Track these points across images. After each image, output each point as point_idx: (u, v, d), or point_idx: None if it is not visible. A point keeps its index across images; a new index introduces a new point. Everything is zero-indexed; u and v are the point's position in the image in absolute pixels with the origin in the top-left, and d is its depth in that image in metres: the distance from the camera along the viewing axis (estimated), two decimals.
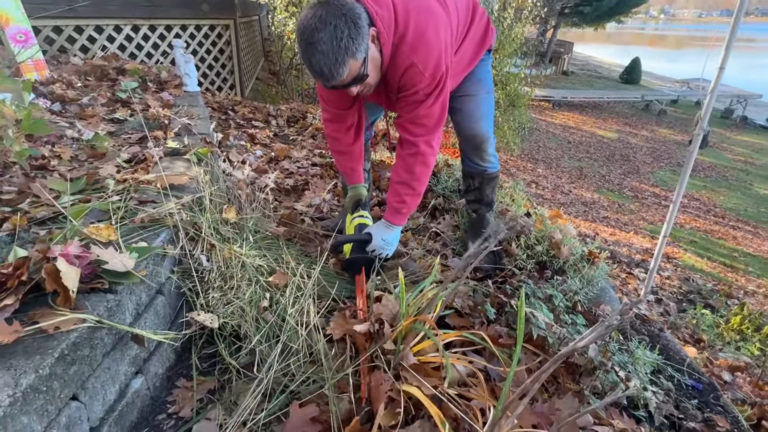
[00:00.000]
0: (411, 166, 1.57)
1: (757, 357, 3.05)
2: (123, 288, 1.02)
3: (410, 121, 1.51)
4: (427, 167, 1.59)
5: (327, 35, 1.18)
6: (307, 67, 1.27)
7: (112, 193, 1.43)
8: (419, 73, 1.38)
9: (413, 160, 1.56)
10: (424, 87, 1.42)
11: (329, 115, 1.69)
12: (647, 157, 15.25)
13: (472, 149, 1.82)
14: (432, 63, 1.38)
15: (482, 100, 1.76)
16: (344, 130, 1.70)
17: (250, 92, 6.17)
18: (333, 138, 1.74)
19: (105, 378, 0.97)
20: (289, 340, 1.25)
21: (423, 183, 1.63)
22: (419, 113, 1.48)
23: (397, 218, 1.66)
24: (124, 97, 2.69)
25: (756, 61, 46.73)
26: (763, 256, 8.65)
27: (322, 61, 1.21)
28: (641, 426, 1.23)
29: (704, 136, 3.39)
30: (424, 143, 1.53)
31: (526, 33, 8.27)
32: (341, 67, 1.23)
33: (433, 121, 1.51)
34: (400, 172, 1.61)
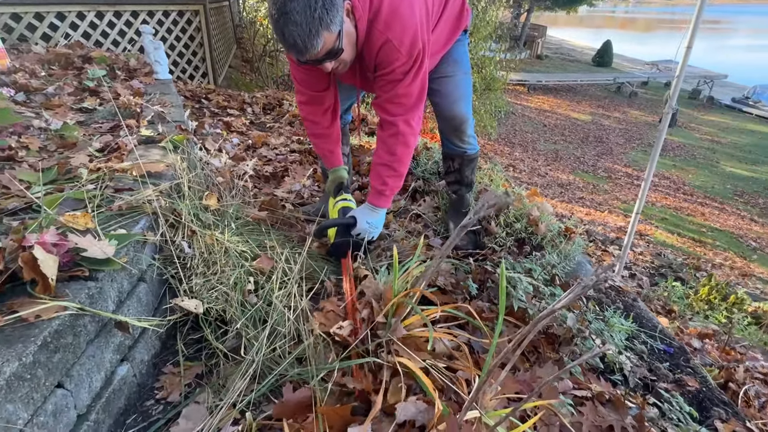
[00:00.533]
0: (392, 147, 1.56)
1: (724, 324, 3.21)
2: (104, 275, 1.01)
3: (388, 101, 1.49)
4: (407, 147, 1.58)
5: (300, 5, 1.14)
6: (280, 39, 1.22)
7: (86, 182, 1.40)
8: (395, 50, 1.36)
9: (394, 140, 1.55)
10: (401, 65, 1.40)
11: (305, 97, 1.66)
12: (620, 138, 15.62)
13: (452, 131, 1.82)
14: (408, 39, 1.36)
15: (460, 81, 1.76)
16: (320, 113, 1.68)
17: (224, 80, 6.04)
18: (310, 121, 1.72)
19: (90, 365, 0.96)
20: (276, 323, 1.26)
21: (405, 164, 1.62)
22: (397, 92, 1.46)
23: (380, 200, 1.66)
24: (91, 85, 2.60)
25: (721, 43, 48.09)
26: (729, 230, 9.04)
27: (296, 32, 1.17)
28: (617, 389, 1.29)
29: (673, 114, 3.50)
30: (404, 123, 1.52)
31: (501, 17, 8.30)
32: (315, 38, 1.19)
33: (412, 100, 1.49)
34: (381, 154, 1.60)
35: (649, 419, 1.14)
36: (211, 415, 1.02)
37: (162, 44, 3.29)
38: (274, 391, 1.13)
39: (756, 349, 3.17)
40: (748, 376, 2.63)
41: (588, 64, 26.88)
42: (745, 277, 6.25)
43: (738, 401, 2.32)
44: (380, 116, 1.57)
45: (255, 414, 1.05)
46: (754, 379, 2.68)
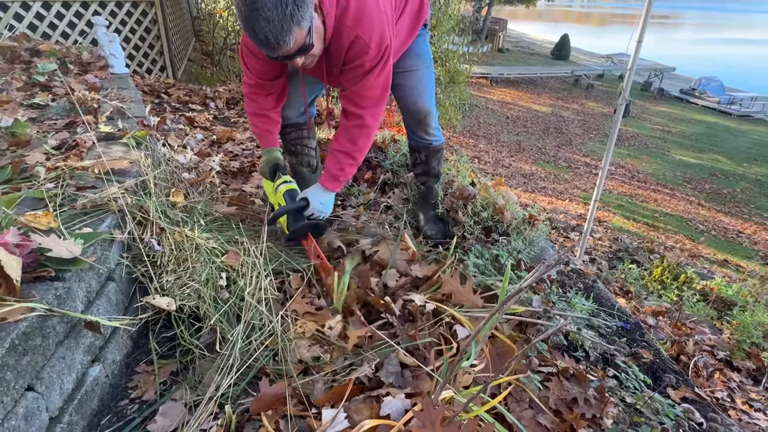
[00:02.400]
0: (355, 138, 1.60)
1: (676, 302, 3.42)
2: (71, 275, 0.99)
3: (356, 94, 1.52)
4: (369, 139, 1.63)
5: (271, 1, 1.13)
6: (250, 36, 1.21)
7: (44, 181, 1.35)
8: (365, 46, 1.38)
9: (358, 131, 1.58)
10: (370, 60, 1.42)
11: (252, 81, 1.64)
12: (578, 129, 16.22)
13: (416, 124, 1.85)
14: (376, 35, 1.38)
15: (423, 74, 1.79)
16: (264, 95, 1.66)
17: (183, 74, 5.85)
18: (251, 99, 1.68)
19: (61, 367, 0.94)
20: (251, 318, 1.26)
21: (364, 153, 1.67)
22: (365, 85, 1.49)
23: (334, 185, 1.69)
24: (42, 80, 2.48)
25: (670, 36, 50.55)
26: (679, 214, 9.60)
27: (267, 29, 1.16)
28: (580, 364, 1.38)
29: (626, 105, 3.68)
30: (370, 116, 1.55)
31: (462, 10, 8.41)
32: (288, 35, 1.18)
33: (378, 93, 1.53)
34: (343, 142, 1.62)
35: (609, 389, 1.22)
36: (191, 411, 1.02)
37: (117, 36, 3.16)
38: (251, 384, 1.14)
39: (704, 324, 3.41)
40: (697, 349, 2.83)
41: (547, 57, 27.64)
42: (694, 258, 6.68)
43: (689, 371, 2.50)
44: (346, 108, 1.58)
45: (234, 407, 1.06)
46: (702, 351, 2.89)
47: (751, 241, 8.66)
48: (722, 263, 6.76)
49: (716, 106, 20.18)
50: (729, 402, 2.41)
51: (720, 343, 3.07)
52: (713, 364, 2.77)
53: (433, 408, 0.92)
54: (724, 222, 9.54)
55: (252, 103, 1.69)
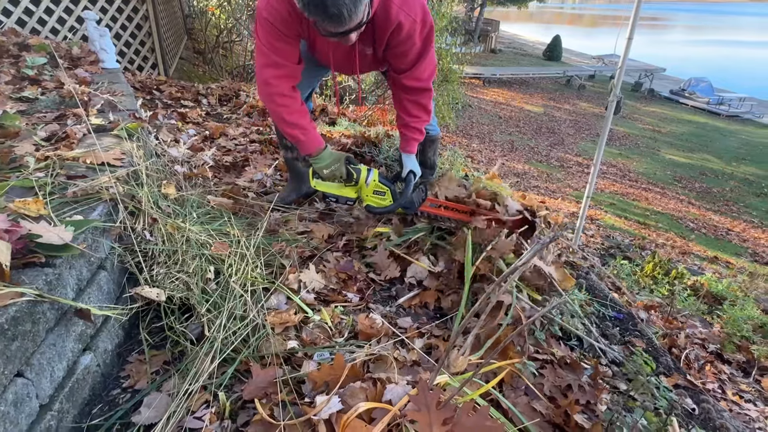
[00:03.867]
0: (426, 105, 1.72)
1: (667, 297, 3.45)
2: (62, 261, 0.97)
3: (417, 69, 1.59)
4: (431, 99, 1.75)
5: None
6: (317, 11, 1.19)
7: (33, 171, 1.33)
8: (413, 23, 1.44)
9: (427, 100, 1.70)
10: (420, 37, 1.49)
11: (285, 70, 1.53)
12: (570, 129, 16.32)
13: None
14: (421, 13, 1.45)
15: None
16: (284, 77, 1.57)
17: (175, 72, 5.80)
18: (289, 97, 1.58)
19: (51, 354, 0.92)
20: (234, 307, 1.25)
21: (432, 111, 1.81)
22: (424, 61, 1.57)
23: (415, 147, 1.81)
24: (31, 74, 2.44)
25: (660, 38, 51.09)
26: (670, 213, 9.69)
27: (341, 2, 1.17)
28: (574, 352, 1.38)
29: (617, 102, 3.71)
30: (429, 85, 1.68)
31: (455, 11, 8.43)
32: (359, 6, 1.21)
33: (434, 64, 1.65)
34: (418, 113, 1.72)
35: (602, 376, 1.23)
36: (185, 397, 1.01)
37: (108, 31, 3.13)
38: (244, 373, 1.13)
39: (695, 318, 3.45)
40: (688, 342, 2.86)
41: (539, 58, 27.81)
42: (685, 254, 6.74)
43: (680, 363, 2.52)
44: (410, 85, 1.65)
45: (228, 395, 1.05)
46: (693, 344, 2.92)
47: (740, 238, 8.76)
48: (712, 260, 6.84)
49: (705, 107, 20.42)
50: (720, 393, 2.43)
51: (711, 337, 3.11)
52: (704, 357, 2.80)
53: (428, 392, 0.92)
54: (713, 220, 9.65)
55: (291, 101, 1.60)
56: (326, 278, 1.50)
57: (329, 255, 1.64)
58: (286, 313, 1.28)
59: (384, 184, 1.71)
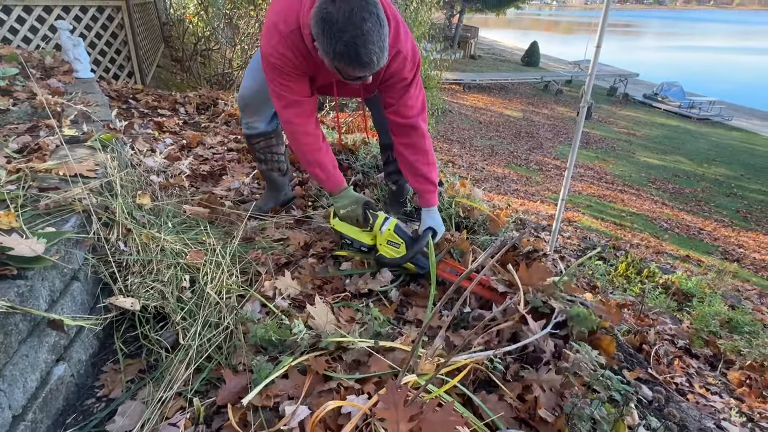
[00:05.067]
0: (423, 146, 1.67)
1: (638, 295, 3.57)
2: (34, 273, 0.99)
3: (403, 105, 1.61)
4: (428, 139, 1.70)
5: (374, 25, 1.21)
6: (348, 59, 1.23)
7: (4, 183, 1.33)
8: (403, 59, 1.49)
9: (420, 140, 1.66)
10: (408, 71, 1.54)
11: (300, 108, 1.56)
12: (549, 133, 16.66)
13: None
14: (410, 49, 1.51)
15: None
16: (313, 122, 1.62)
17: (152, 80, 5.76)
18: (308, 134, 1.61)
19: (24, 365, 0.93)
20: (209, 315, 1.27)
21: (433, 153, 1.74)
22: (410, 96, 1.59)
23: (436, 198, 1.75)
24: (2, 84, 2.42)
25: (633, 44, 52.61)
26: (645, 213, 9.97)
27: (373, 51, 1.23)
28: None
29: (588, 108, 3.83)
30: (421, 120, 1.65)
31: (434, 18, 8.56)
32: (385, 54, 1.28)
33: (420, 101, 1.64)
34: (418, 157, 1.67)
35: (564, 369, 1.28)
36: (159, 405, 1.02)
37: (82, 41, 3.11)
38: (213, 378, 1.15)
39: (665, 315, 3.57)
40: (658, 338, 2.97)
41: (518, 63, 28.34)
42: (659, 254, 6.95)
43: (650, 359, 2.61)
44: (396, 121, 1.64)
45: (203, 401, 1.07)
46: (663, 340, 3.03)
47: (712, 237, 9.06)
48: (684, 258, 7.06)
49: (677, 110, 21.08)
50: (687, 386, 2.53)
51: (680, 333, 3.22)
52: (673, 352, 2.91)
53: (396, 390, 0.96)
54: (686, 220, 9.96)
55: (314, 140, 1.62)
56: (302, 284, 1.53)
57: (304, 262, 1.67)
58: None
59: (399, 235, 1.61)
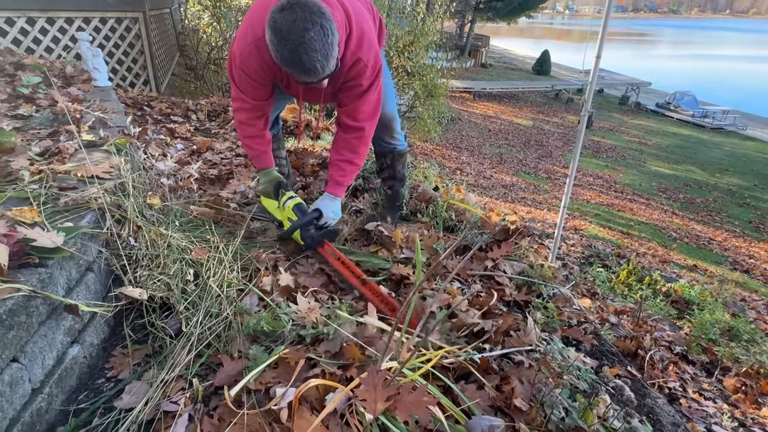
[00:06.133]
0: (356, 147, 1.78)
1: (637, 301, 3.60)
2: (53, 262, 1.10)
3: (355, 110, 1.70)
4: (367, 147, 1.82)
5: (317, 34, 1.27)
6: (293, 65, 1.33)
7: (28, 183, 1.45)
8: (363, 67, 1.57)
9: (358, 141, 1.76)
10: (367, 79, 1.61)
11: (248, 105, 1.74)
12: (558, 142, 16.64)
13: (382, 128, 2.00)
14: (372, 57, 1.58)
15: (385, 83, 1.93)
16: (256, 117, 1.79)
17: (167, 88, 5.96)
18: (246, 125, 1.81)
19: (43, 344, 1.04)
20: (210, 306, 1.38)
21: (363, 159, 1.85)
22: (364, 101, 1.67)
23: (340, 190, 1.85)
24: (26, 92, 2.58)
25: (647, 53, 52.32)
26: (654, 223, 9.91)
27: (316, 59, 1.30)
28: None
29: (589, 117, 3.90)
30: (369, 127, 1.75)
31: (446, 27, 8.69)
32: (331, 61, 1.34)
33: (373, 107, 1.72)
34: (344, 153, 1.78)
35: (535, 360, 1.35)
36: (162, 385, 1.13)
37: (100, 51, 3.28)
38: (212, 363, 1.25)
39: (665, 322, 3.59)
40: (654, 344, 3.00)
41: (528, 72, 28.37)
42: (665, 263, 6.93)
43: (644, 364, 2.65)
44: (345, 122, 1.75)
45: (202, 382, 1.17)
46: (660, 346, 3.06)
47: (722, 247, 8.98)
48: (692, 268, 7.02)
49: (690, 119, 20.89)
50: (681, 391, 2.57)
51: (677, 339, 3.25)
52: (669, 358, 2.94)
53: (376, 374, 1.05)
54: (696, 230, 9.88)
55: (247, 128, 1.80)
56: (297, 282, 1.63)
57: (303, 260, 1.77)
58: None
59: (296, 212, 1.79)
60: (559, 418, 1.16)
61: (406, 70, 5.87)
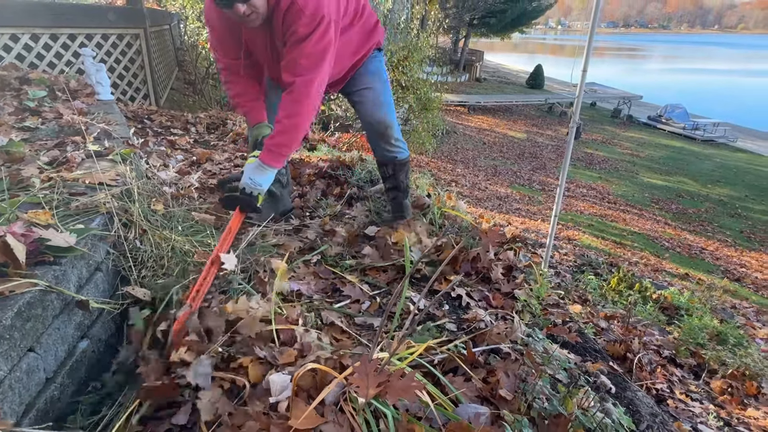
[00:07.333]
0: (287, 106, 1.63)
1: (626, 306, 3.69)
2: (66, 261, 1.17)
3: (291, 61, 1.58)
4: (301, 107, 1.62)
5: None
6: None
7: (40, 190, 1.54)
8: (299, 11, 1.48)
9: (289, 98, 1.62)
10: (303, 25, 1.50)
11: (222, 63, 1.80)
12: (552, 154, 16.87)
13: (379, 136, 2.02)
14: (312, 3, 1.49)
15: (380, 90, 1.98)
16: (236, 76, 1.80)
17: (166, 102, 6.08)
18: (230, 83, 1.82)
19: (56, 337, 1.11)
20: None
21: (298, 124, 1.65)
22: (300, 52, 1.54)
23: (270, 158, 1.69)
24: (32, 105, 2.67)
25: (638, 67, 53.27)
26: (646, 233, 10.04)
27: None
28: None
29: (577, 128, 4.03)
30: (301, 82, 1.58)
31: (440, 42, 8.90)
32: None
33: (311, 62, 1.56)
34: (279, 113, 1.65)
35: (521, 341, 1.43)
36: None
37: (104, 66, 3.38)
38: None
39: (654, 327, 3.68)
40: (643, 347, 3.08)
41: (522, 86, 28.83)
42: (657, 272, 7.03)
43: (633, 366, 2.73)
44: (284, 78, 1.63)
45: None
46: (649, 350, 3.14)
47: (714, 256, 9.11)
48: (683, 277, 7.13)
49: (682, 132, 21.25)
50: (668, 393, 2.64)
51: (666, 343, 3.32)
52: (657, 361, 3.01)
53: (368, 363, 1.13)
54: (688, 240, 10.02)
55: (233, 86, 1.83)
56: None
57: (300, 264, 1.85)
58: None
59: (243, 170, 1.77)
60: (542, 406, 1.24)
61: (400, 84, 6.02)
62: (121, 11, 5.23)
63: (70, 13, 4.68)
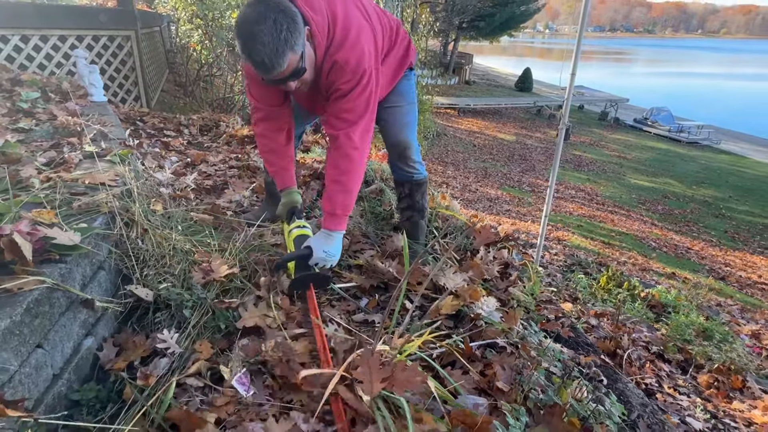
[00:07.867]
0: (336, 161, 1.60)
1: (615, 304, 3.76)
2: (71, 259, 1.19)
3: (333, 115, 1.59)
4: (350, 161, 1.59)
5: (267, 27, 1.27)
6: (248, 59, 1.32)
7: (40, 190, 1.54)
8: (340, 68, 1.49)
9: (336, 153, 1.59)
10: (345, 82, 1.51)
11: (262, 113, 1.72)
12: (541, 156, 17.07)
13: (398, 157, 1.94)
14: (353, 59, 1.48)
15: (406, 110, 1.91)
16: (276, 129, 1.75)
17: (157, 104, 6.06)
18: (266, 137, 1.76)
19: (62, 334, 1.13)
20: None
21: (352, 179, 1.61)
22: (341, 107, 1.56)
23: (333, 223, 1.62)
24: (26, 107, 2.66)
25: (624, 71, 54.14)
26: (634, 233, 10.22)
27: (263, 52, 1.28)
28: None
29: (566, 130, 4.11)
30: (344, 136, 1.57)
31: (430, 45, 8.98)
32: (281, 57, 1.30)
33: (355, 115, 1.56)
34: (329, 171, 1.63)
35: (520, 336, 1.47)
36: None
37: (96, 67, 3.38)
38: None
39: (642, 324, 3.76)
40: (632, 344, 3.15)
41: (511, 89, 29.13)
42: (644, 271, 7.16)
43: (623, 362, 2.79)
44: (327, 132, 1.63)
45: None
46: (637, 346, 3.21)
47: (699, 256, 9.30)
48: (670, 275, 7.27)
49: (667, 134, 21.64)
50: (657, 387, 2.71)
51: (654, 340, 3.40)
52: (646, 357, 3.09)
53: (371, 356, 1.16)
54: (674, 240, 10.22)
55: (266, 141, 1.75)
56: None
57: None
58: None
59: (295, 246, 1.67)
60: (537, 397, 1.28)
61: None
62: (112, 13, 5.21)
63: (61, 14, 4.66)
